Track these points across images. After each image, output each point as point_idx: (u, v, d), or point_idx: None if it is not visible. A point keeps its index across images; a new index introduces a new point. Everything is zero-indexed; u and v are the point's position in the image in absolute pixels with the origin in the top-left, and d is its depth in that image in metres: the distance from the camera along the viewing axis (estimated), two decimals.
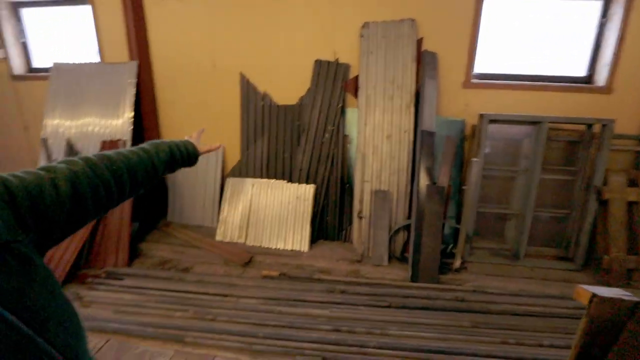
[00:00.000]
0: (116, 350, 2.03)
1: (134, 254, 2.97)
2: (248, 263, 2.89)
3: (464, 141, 3.05)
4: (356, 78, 3.09)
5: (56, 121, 3.41)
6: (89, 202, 0.63)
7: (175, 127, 3.59)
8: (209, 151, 1.09)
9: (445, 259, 2.80)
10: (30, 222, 0.51)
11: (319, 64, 3.15)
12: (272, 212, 3.19)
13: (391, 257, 2.94)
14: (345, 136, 3.21)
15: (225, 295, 2.46)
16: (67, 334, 0.49)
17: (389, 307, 2.35)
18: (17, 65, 3.76)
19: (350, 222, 3.19)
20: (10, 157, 4.06)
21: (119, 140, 3.14)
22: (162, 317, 2.27)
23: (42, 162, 3.37)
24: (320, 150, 3.20)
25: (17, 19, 3.72)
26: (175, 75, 3.44)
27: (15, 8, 3.69)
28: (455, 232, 2.93)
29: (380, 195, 2.95)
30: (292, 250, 3.08)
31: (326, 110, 3.17)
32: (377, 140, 2.99)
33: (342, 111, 3.17)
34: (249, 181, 3.32)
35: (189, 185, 3.51)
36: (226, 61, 3.32)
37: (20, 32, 3.74)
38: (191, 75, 3.41)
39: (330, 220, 3.24)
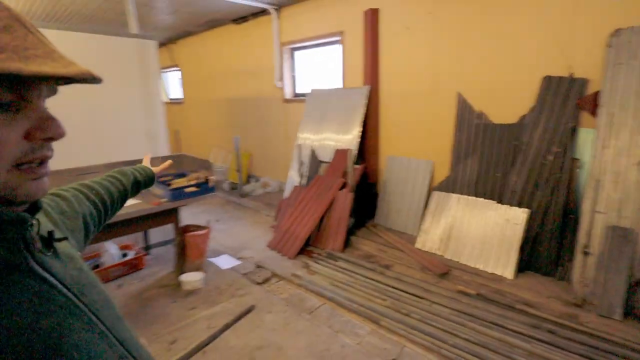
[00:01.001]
0: (328, 314, 2.57)
1: (346, 244, 3.58)
2: (444, 275, 2.97)
3: None
4: (596, 94, 2.66)
5: (305, 134, 4.53)
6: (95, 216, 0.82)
7: (392, 141, 4.07)
8: (162, 170, 1.18)
9: None
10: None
11: (547, 80, 2.90)
12: (475, 230, 3.15)
13: (628, 313, 2.36)
14: (574, 159, 2.81)
15: (420, 297, 2.65)
16: (113, 316, 0.54)
17: None
18: (288, 92, 5.20)
19: (571, 259, 2.75)
20: (272, 156, 5.62)
21: (348, 149, 3.86)
22: (364, 298, 2.68)
23: (296, 163, 4.51)
24: (539, 173, 2.93)
25: (292, 58, 5.15)
26: (397, 97, 3.93)
27: (291, 51, 5.13)
28: None
29: (619, 233, 2.42)
30: (492, 274, 2.95)
31: (552, 130, 2.87)
32: (620, 166, 2.48)
33: (573, 131, 2.80)
34: (454, 197, 3.39)
35: (398, 193, 3.90)
36: (445, 83, 3.53)
37: (292, 68, 5.17)
38: (411, 96, 3.81)
39: (543, 251, 2.90)
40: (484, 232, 3.10)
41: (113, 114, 3.25)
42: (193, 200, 2.88)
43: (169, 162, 1.24)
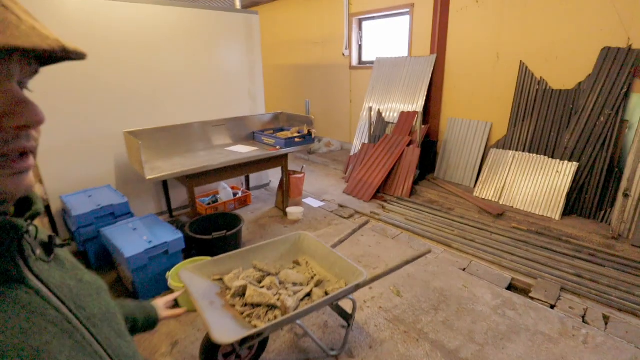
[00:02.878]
0: (408, 239, 3.29)
1: (412, 192, 4.25)
2: (500, 215, 3.60)
3: None
4: None
5: (372, 98, 5.10)
6: None
7: (453, 104, 4.60)
8: (170, 317, 1.01)
9: None
10: None
11: (606, 50, 3.31)
12: (528, 181, 3.72)
13: None
14: (624, 121, 3.27)
15: (481, 229, 3.32)
16: (111, 332, 0.51)
17: None
18: (354, 60, 5.74)
19: (612, 204, 3.29)
20: (336, 119, 6.26)
21: (415, 111, 4.43)
22: (435, 229, 3.38)
23: (365, 123, 5.13)
24: (590, 133, 3.41)
25: (360, 29, 5.63)
26: (461, 65, 4.40)
27: (360, 22, 5.60)
28: None
29: None
30: (542, 216, 3.54)
31: (606, 95, 3.32)
32: None
33: (625, 96, 3.23)
34: (510, 153, 3.94)
35: (457, 151, 4.48)
36: (508, 52, 3.97)
37: (359, 37, 5.66)
38: (474, 64, 4.27)
39: (589, 198, 3.45)
40: (536, 182, 3.66)
41: (225, 77, 3.97)
42: (299, 149, 3.61)
43: (181, 310, 1.08)
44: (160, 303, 1.01)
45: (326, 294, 1.79)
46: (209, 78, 3.84)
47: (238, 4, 4.16)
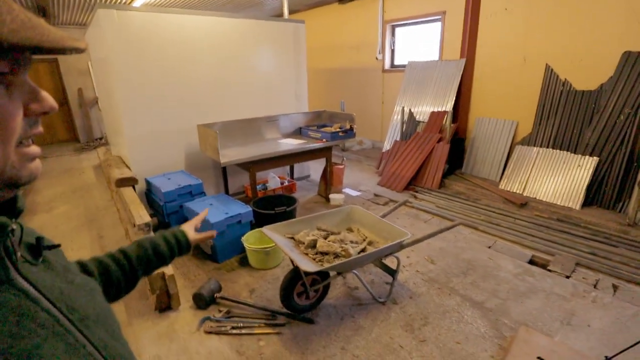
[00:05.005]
0: (438, 222, 3.70)
1: (440, 184, 4.66)
2: (523, 205, 3.96)
3: None
4: None
5: (404, 99, 5.54)
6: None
7: (481, 104, 4.97)
8: (202, 239, 1.03)
9: None
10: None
11: (627, 54, 3.62)
12: (551, 174, 4.06)
13: None
14: None
15: (505, 215, 3.70)
16: (105, 333, 0.51)
17: None
18: (387, 64, 6.19)
19: (630, 196, 3.59)
20: (369, 119, 6.72)
21: (445, 111, 4.84)
22: (462, 215, 3.78)
23: (397, 122, 5.56)
24: (611, 130, 3.72)
25: (393, 34, 6.09)
26: (489, 68, 4.77)
27: (393, 28, 6.06)
28: None
29: None
30: (563, 206, 3.87)
31: (626, 96, 3.63)
32: None
33: None
34: (535, 149, 4.29)
35: (483, 147, 4.86)
36: (534, 56, 4.32)
37: (392, 42, 6.11)
38: (502, 67, 4.64)
39: (608, 190, 3.75)
40: (558, 176, 3.99)
41: (274, 79, 4.52)
42: (342, 142, 4.10)
43: (213, 232, 1.10)
44: (189, 228, 1.01)
45: None
46: (261, 80, 4.40)
47: (286, 14, 4.72)
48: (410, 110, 5.39)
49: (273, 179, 4.50)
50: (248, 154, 3.57)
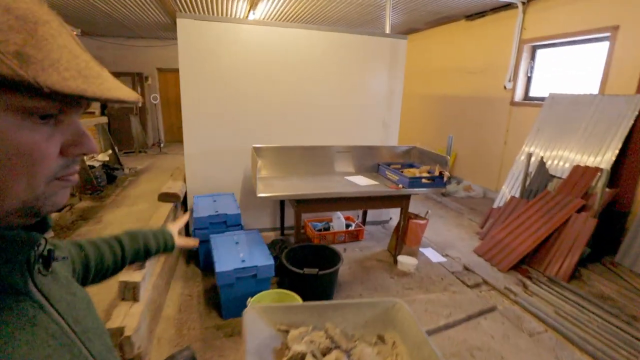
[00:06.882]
0: (554, 344, 2.34)
1: (573, 275, 3.14)
2: None
3: None
4: None
5: (535, 142, 4.10)
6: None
7: None
8: (184, 245, 1.06)
9: None
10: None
11: None
12: None
13: None
14: None
15: None
16: (102, 347, 0.51)
17: None
18: (518, 94, 4.80)
19: None
20: (483, 160, 5.34)
21: (597, 167, 3.31)
22: (605, 345, 2.32)
23: (519, 172, 4.16)
24: None
25: (532, 58, 4.69)
26: None
27: (533, 49, 4.66)
28: None
29: None
30: None
31: None
32: None
33: None
34: None
35: None
36: None
37: (530, 67, 4.71)
38: None
39: None
40: None
41: (360, 103, 3.79)
42: (425, 191, 3.10)
43: (195, 242, 1.12)
44: (175, 230, 1.04)
45: None
46: (344, 101, 3.73)
47: (388, 29, 3.96)
48: (542, 157, 3.94)
49: (338, 220, 3.75)
50: (302, 188, 2.93)
